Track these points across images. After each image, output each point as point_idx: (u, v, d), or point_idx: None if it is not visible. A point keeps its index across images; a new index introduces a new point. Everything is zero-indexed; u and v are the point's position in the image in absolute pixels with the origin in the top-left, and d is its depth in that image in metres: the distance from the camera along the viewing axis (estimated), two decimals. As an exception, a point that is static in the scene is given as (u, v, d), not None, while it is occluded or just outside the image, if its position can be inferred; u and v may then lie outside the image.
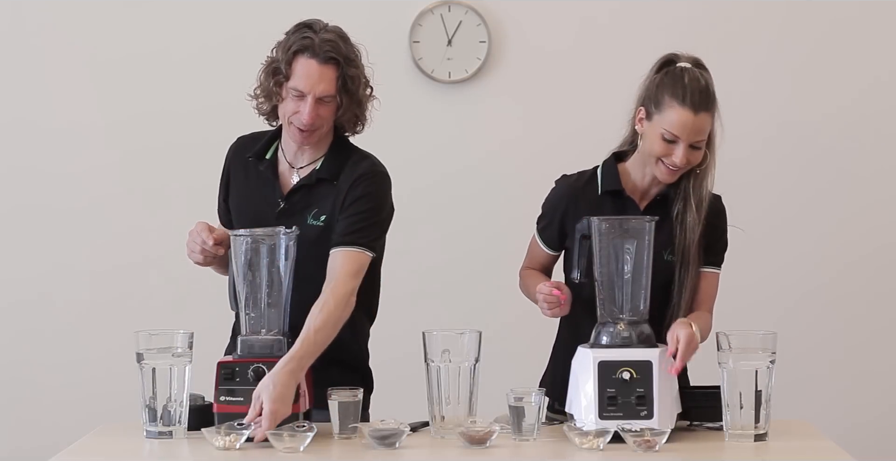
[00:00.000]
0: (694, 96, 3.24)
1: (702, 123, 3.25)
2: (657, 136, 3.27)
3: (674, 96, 3.25)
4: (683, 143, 3.25)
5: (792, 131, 5.05)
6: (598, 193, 3.39)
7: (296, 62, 3.32)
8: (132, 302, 4.96)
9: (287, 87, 3.33)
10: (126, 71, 5.00)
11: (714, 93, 3.29)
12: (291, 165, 3.45)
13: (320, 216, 3.39)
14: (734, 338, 3.13)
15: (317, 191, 3.40)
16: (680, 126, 3.23)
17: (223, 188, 3.53)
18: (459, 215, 5.04)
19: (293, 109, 3.33)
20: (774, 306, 5.00)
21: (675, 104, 3.24)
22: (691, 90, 3.25)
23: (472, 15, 5.00)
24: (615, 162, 3.42)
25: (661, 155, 3.27)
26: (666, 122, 3.25)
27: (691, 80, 3.27)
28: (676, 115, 3.24)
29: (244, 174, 3.48)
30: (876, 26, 5.04)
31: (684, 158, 3.25)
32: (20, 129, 5.02)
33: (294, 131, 3.36)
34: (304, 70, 3.31)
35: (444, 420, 3.17)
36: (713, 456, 3.05)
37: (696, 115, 3.24)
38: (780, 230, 5.04)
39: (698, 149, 3.28)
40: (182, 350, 3.19)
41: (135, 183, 4.99)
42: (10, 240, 5.02)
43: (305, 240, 3.32)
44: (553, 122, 5.02)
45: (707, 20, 5.01)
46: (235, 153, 3.52)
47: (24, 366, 5.01)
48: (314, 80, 3.31)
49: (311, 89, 3.31)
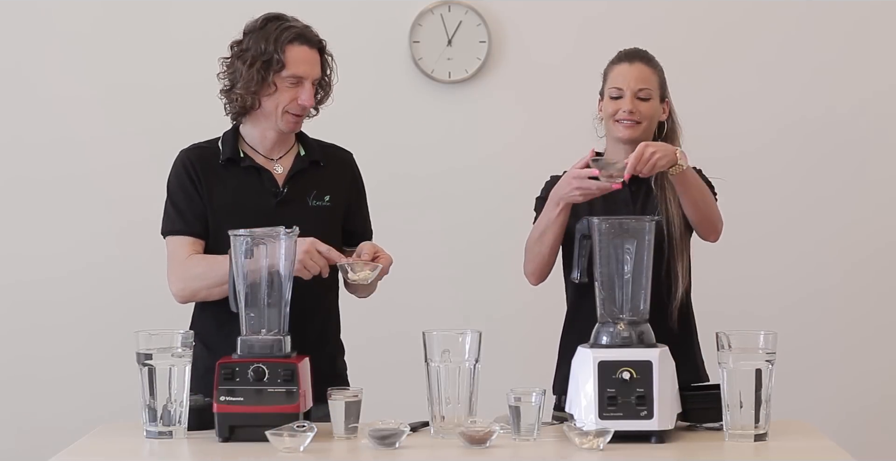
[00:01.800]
0: (629, 54, 3.57)
1: (638, 71, 3.53)
2: (608, 101, 3.54)
3: (611, 63, 3.59)
4: (628, 92, 3.51)
5: (795, 132, 5.05)
6: None
7: (290, 51, 3.43)
8: (132, 302, 4.96)
9: (282, 77, 3.42)
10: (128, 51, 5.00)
11: (652, 55, 3.58)
12: (268, 157, 3.53)
13: (323, 196, 3.52)
14: (734, 338, 3.13)
15: (310, 173, 3.53)
16: (619, 78, 3.53)
17: (200, 193, 3.51)
18: (459, 215, 5.04)
19: (290, 97, 3.44)
20: (775, 306, 5.00)
21: (612, 67, 3.58)
22: (625, 52, 3.59)
23: (472, 15, 5.00)
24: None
25: (613, 113, 3.53)
26: (610, 83, 3.56)
27: (627, 49, 3.61)
28: (615, 72, 3.56)
29: (218, 179, 3.51)
30: (882, 26, 5.04)
31: (630, 104, 3.50)
32: (20, 130, 5.02)
33: (288, 119, 3.47)
34: (301, 56, 3.44)
35: (444, 420, 3.17)
36: (713, 456, 3.05)
37: (631, 65, 3.54)
38: (781, 230, 5.05)
39: (645, 100, 3.52)
40: (182, 350, 3.19)
41: (135, 182, 4.99)
42: (10, 240, 5.02)
43: (310, 223, 3.39)
44: (552, 122, 5.02)
45: (707, 20, 5.01)
46: (197, 162, 3.53)
47: (24, 365, 5.01)
48: (311, 65, 3.46)
49: (310, 73, 3.46)
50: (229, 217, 3.43)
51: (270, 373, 3.15)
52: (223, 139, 3.56)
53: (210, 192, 3.50)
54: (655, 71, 3.56)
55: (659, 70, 3.57)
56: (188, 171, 3.52)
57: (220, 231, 3.44)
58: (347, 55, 3.71)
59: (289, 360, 3.18)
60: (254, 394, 3.15)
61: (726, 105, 5.03)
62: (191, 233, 3.51)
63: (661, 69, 3.58)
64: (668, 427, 3.11)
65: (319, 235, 3.39)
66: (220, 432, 3.15)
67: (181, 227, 3.52)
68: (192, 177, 3.51)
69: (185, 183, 3.52)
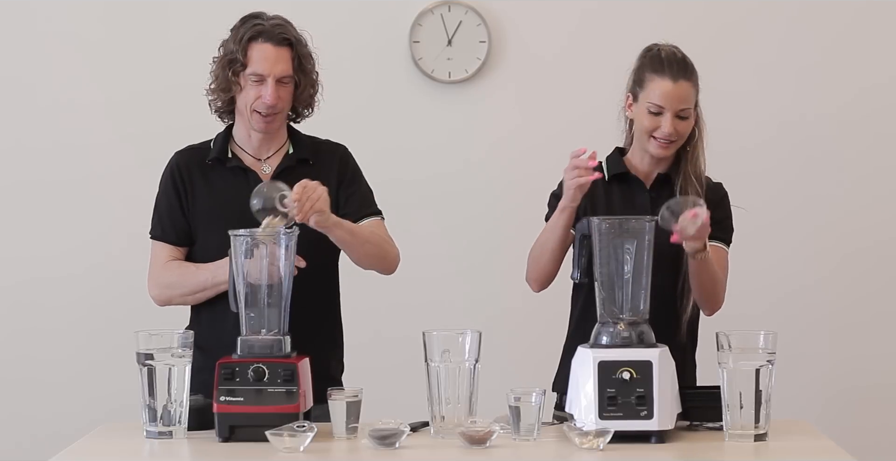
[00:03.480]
0: (672, 66, 3.42)
1: (682, 91, 3.42)
2: (644, 112, 3.43)
3: (653, 71, 3.43)
4: (669, 112, 3.41)
5: (789, 131, 5.05)
6: (606, 180, 3.51)
7: (251, 49, 3.45)
8: (132, 302, 4.96)
9: (245, 75, 3.44)
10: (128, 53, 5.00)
11: (692, 65, 3.47)
12: (256, 158, 3.54)
13: None
14: (734, 338, 3.13)
15: (298, 171, 3.50)
16: (662, 96, 3.40)
17: (180, 201, 3.54)
18: (459, 215, 5.04)
19: (255, 95, 3.45)
20: (775, 306, 5.00)
21: (655, 77, 3.42)
22: (668, 62, 3.44)
23: (472, 15, 5.00)
24: (619, 154, 3.56)
25: (651, 129, 3.42)
26: (649, 95, 3.42)
27: (668, 54, 3.46)
28: (657, 86, 3.41)
29: (204, 181, 3.54)
30: (879, 25, 5.04)
31: (671, 127, 3.40)
32: (21, 131, 5.02)
33: (257, 118, 3.47)
34: (261, 54, 3.44)
35: (444, 420, 3.17)
36: (713, 456, 3.05)
37: (675, 83, 3.41)
38: (782, 230, 5.04)
39: (685, 118, 3.43)
40: (182, 350, 3.19)
41: (135, 181, 4.99)
42: (10, 240, 5.02)
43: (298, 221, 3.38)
44: (552, 122, 5.02)
45: (707, 20, 5.01)
46: (185, 165, 3.56)
47: (24, 366, 5.01)
48: (272, 62, 3.44)
49: (270, 71, 3.44)
50: (214, 218, 3.46)
51: (270, 373, 3.15)
52: (215, 140, 3.58)
53: (195, 195, 3.53)
54: (694, 83, 3.45)
55: (696, 77, 3.46)
56: (174, 175, 3.56)
57: (207, 233, 3.47)
58: (347, 55, 3.72)
59: (289, 360, 3.18)
60: (254, 394, 3.15)
61: (722, 102, 5.02)
62: (167, 240, 3.56)
63: (698, 77, 3.47)
64: (668, 427, 3.11)
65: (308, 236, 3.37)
66: (220, 432, 3.15)
67: (160, 233, 3.58)
68: (176, 182, 3.55)
69: (170, 189, 3.56)
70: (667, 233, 3.30)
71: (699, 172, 3.49)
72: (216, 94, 3.52)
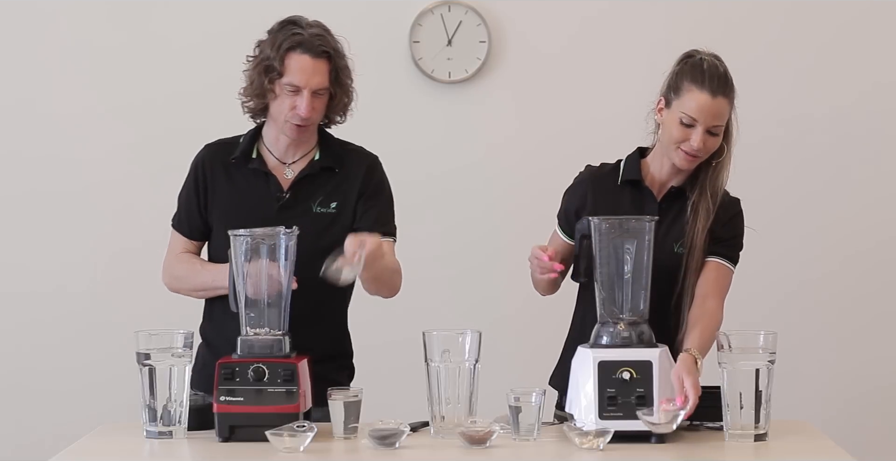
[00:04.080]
0: (712, 81, 3.29)
1: (719, 107, 3.29)
2: (675, 121, 3.30)
3: (692, 81, 3.30)
4: (701, 126, 3.29)
5: (789, 130, 5.05)
6: (618, 183, 3.43)
7: (289, 58, 3.39)
8: (132, 302, 4.96)
9: (281, 84, 3.39)
10: (130, 59, 5.00)
11: (733, 82, 3.34)
12: (282, 161, 3.50)
13: (329, 203, 3.47)
14: (734, 338, 3.13)
15: (320, 179, 3.48)
16: (697, 109, 3.28)
17: (199, 198, 3.52)
18: (459, 215, 5.04)
19: (289, 105, 3.40)
20: (775, 306, 5.00)
21: (693, 88, 3.29)
22: (710, 75, 3.30)
23: (472, 15, 5.00)
24: (639, 156, 3.47)
25: (679, 140, 3.30)
26: (684, 105, 3.29)
27: (710, 66, 3.32)
28: (694, 97, 3.29)
29: (226, 178, 3.51)
30: (879, 25, 5.04)
31: (701, 142, 3.29)
32: (19, 130, 5.02)
33: (290, 127, 3.43)
34: (299, 65, 3.39)
35: (444, 420, 3.17)
36: (713, 456, 3.05)
37: (713, 99, 3.28)
38: (782, 230, 5.04)
39: (715, 135, 3.32)
40: (182, 350, 3.20)
41: (135, 182, 4.99)
42: (10, 240, 5.02)
43: (313, 229, 3.39)
44: (552, 122, 5.02)
45: (707, 21, 5.01)
46: (210, 160, 3.54)
47: (24, 366, 5.01)
48: (309, 74, 3.39)
49: (307, 83, 3.39)
50: (231, 217, 3.43)
51: (270, 373, 3.15)
52: (245, 136, 3.54)
53: (214, 192, 3.51)
54: (731, 101, 3.33)
55: (734, 95, 3.34)
56: (198, 170, 3.53)
57: (221, 231, 3.45)
58: (347, 55, 3.71)
59: (289, 360, 3.18)
60: (254, 394, 3.15)
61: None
62: (182, 233, 3.57)
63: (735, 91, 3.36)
64: (668, 427, 3.11)
65: (320, 243, 3.38)
66: (220, 432, 3.15)
67: (176, 224, 3.59)
68: (198, 178, 3.53)
69: (191, 184, 3.54)
70: (666, 243, 3.30)
71: (717, 189, 3.38)
72: (250, 98, 3.46)
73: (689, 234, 3.37)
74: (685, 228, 3.38)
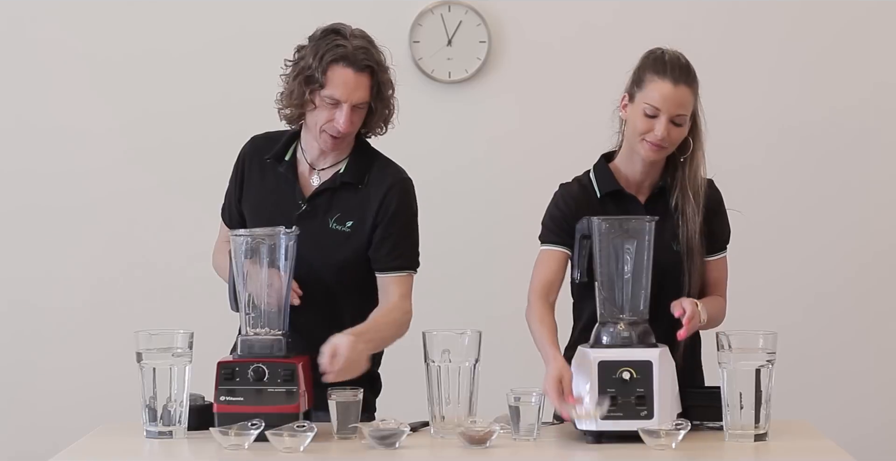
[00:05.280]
0: (674, 70, 3.32)
1: (681, 96, 3.30)
2: (639, 113, 3.32)
3: (654, 72, 3.33)
4: (664, 115, 3.29)
5: (789, 132, 5.05)
6: (598, 197, 3.41)
7: (331, 71, 3.30)
8: (132, 302, 4.96)
9: (321, 96, 3.32)
10: (128, 70, 5.00)
11: (695, 73, 3.35)
12: (312, 167, 3.45)
13: (346, 221, 3.40)
14: (734, 338, 3.13)
15: (340, 194, 3.41)
16: (660, 98, 3.29)
17: (237, 189, 3.50)
18: (459, 215, 5.04)
19: (327, 118, 3.33)
20: (775, 306, 4.99)
21: (655, 78, 3.31)
22: (671, 65, 3.33)
23: (472, 15, 5.00)
24: (605, 163, 3.45)
25: (644, 131, 3.31)
26: (647, 96, 3.31)
27: (671, 57, 3.36)
28: (656, 87, 3.30)
29: (260, 175, 3.47)
30: (884, 26, 5.04)
31: (665, 131, 3.29)
32: (18, 131, 5.02)
33: (326, 138, 3.36)
34: (341, 79, 3.31)
35: (444, 420, 3.17)
36: (713, 456, 3.05)
37: (675, 87, 3.30)
38: (781, 230, 5.04)
39: (679, 125, 3.32)
40: (182, 350, 3.19)
41: (134, 183, 4.99)
42: (9, 241, 5.02)
43: (325, 245, 3.37)
44: (552, 122, 5.02)
45: (708, 20, 5.01)
46: (251, 154, 3.50)
47: (24, 366, 5.01)
48: (350, 89, 3.31)
49: (348, 98, 3.31)
50: (258, 215, 3.41)
51: (270, 373, 3.16)
52: (285, 136, 3.49)
53: (250, 187, 3.48)
54: (694, 90, 3.33)
55: (696, 85, 3.35)
56: (240, 162, 3.51)
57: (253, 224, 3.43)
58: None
59: (289, 360, 3.18)
60: (254, 394, 3.15)
61: (726, 106, 5.03)
62: (224, 222, 3.55)
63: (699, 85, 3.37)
64: (669, 427, 3.11)
65: (336, 260, 3.37)
66: (221, 432, 3.15)
67: (222, 213, 3.57)
68: (239, 169, 3.50)
69: (234, 174, 3.52)
70: (664, 242, 3.30)
71: (697, 187, 3.38)
72: (288, 106, 3.38)
73: (684, 239, 3.37)
74: (676, 225, 3.38)
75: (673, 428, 3.04)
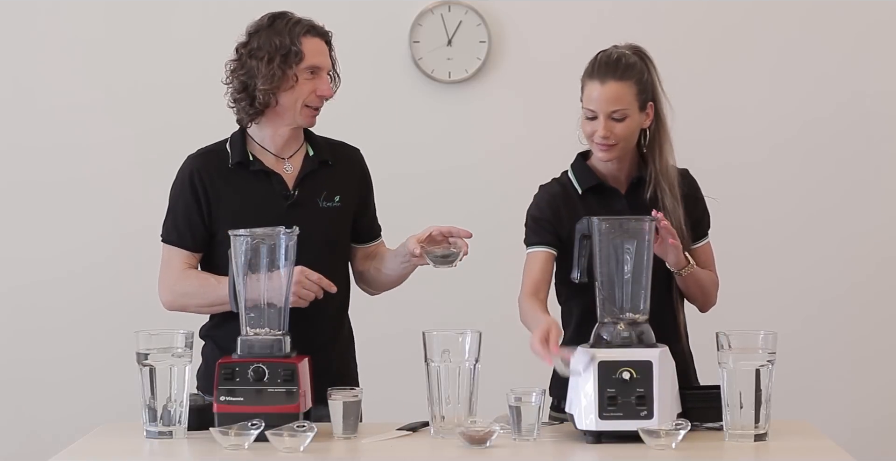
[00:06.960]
0: (599, 69, 3.36)
1: (610, 92, 3.34)
2: (583, 118, 3.39)
3: (585, 76, 3.39)
4: (601, 115, 3.35)
5: (791, 133, 5.05)
6: (579, 193, 3.45)
7: (305, 43, 3.45)
8: (132, 301, 4.96)
9: (300, 69, 3.43)
10: (130, 70, 5.00)
11: (632, 64, 3.36)
12: (279, 157, 3.51)
13: (333, 197, 3.52)
14: (734, 338, 3.13)
15: (320, 174, 3.52)
16: (592, 100, 3.36)
17: (201, 207, 3.47)
18: (458, 215, 5.01)
19: (309, 89, 3.45)
20: (775, 306, 5.00)
21: (586, 81, 3.38)
22: (598, 65, 3.37)
23: (472, 15, 5.00)
24: (583, 160, 3.50)
25: (590, 134, 3.38)
26: (584, 100, 3.39)
27: (602, 57, 3.40)
28: (588, 89, 3.37)
29: (226, 184, 3.48)
30: (887, 26, 5.04)
31: (606, 130, 3.34)
32: (17, 131, 5.02)
33: (307, 113, 3.48)
34: (316, 47, 3.47)
35: (444, 420, 3.17)
36: (713, 456, 3.05)
37: (602, 85, 3.35)
38: (781, 230, 5.04)
39: (620, 120, 3.35)
40: (182, 350, 3.20)
41: (134, 183, 4.99)
42: (9, 241, 5.02)
43: (321, 224, 3.43)
44: (553, 122, 5.01)
45: (709, 22, 5.01)
46: (202, 170, 3.49)
47: (24, 366, 5.01)
48: (325, 56, 3.49)
49: (325, 64, 3.48)
50: (241, 221, 3.37)
51: (270, 373, 3.16)
52: (231, 142, 3.52)
53: (218, 200, 3.47)
54: (629, 83, 3.34)
55: (636, 78, 3.34)
56: (193, 180, 3.48)
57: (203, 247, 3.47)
58: (347, 55, 3.71)
59: (289, 360, 3.18)
60: (254, 394, 3.15)
61: (728, 108, 5.03)
62: (183, 246, 3.50)
63: (641, 74, 3.36)
64: (669, 427, 3.11)
65: (331, 237, 3.46)
66: (221, 432, 3.16)
67: (175, 239, 3.51)
68: (196, 187, 3.47)
69: (187, 193, 3.48)
70: None
71: (668, 172, 3.40)
72: (263, 92, 3.41)
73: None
74: None
75: (673, 428, 3.04)
